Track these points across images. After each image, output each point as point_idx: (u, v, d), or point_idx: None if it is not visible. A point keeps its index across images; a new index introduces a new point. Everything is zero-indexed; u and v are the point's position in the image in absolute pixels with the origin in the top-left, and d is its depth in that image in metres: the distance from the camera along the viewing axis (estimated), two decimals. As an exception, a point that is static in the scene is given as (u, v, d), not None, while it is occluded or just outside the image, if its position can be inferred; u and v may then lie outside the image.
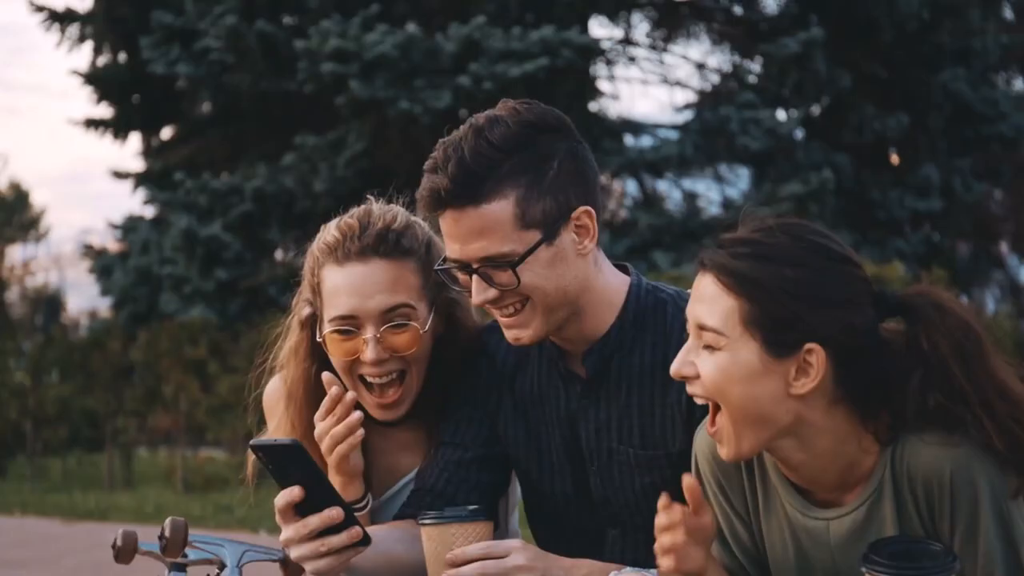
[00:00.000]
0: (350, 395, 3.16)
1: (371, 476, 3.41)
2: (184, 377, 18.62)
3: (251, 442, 2.88)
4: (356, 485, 3.31)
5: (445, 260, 3.05)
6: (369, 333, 3.24)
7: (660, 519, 2.67)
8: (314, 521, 2.87)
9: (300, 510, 2.88)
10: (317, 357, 3.38)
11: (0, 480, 20.76)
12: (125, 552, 3.51)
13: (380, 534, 3.09)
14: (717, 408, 2.70)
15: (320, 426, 3.20)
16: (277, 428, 3.49)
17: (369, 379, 3.28)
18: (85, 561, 11.60)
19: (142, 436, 21.30)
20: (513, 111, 3.02)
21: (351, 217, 3.31)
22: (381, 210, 3.32)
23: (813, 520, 2.80)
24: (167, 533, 3.43)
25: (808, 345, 2.63)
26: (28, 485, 19.76)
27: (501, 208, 2.95)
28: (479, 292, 2.99)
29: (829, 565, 2.81)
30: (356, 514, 3.21)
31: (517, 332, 3.05)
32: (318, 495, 2.88)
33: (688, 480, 2.66)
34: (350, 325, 3.25)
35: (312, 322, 3.38)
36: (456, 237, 2.99)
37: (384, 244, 3.25)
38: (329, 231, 3.31)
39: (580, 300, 3.05)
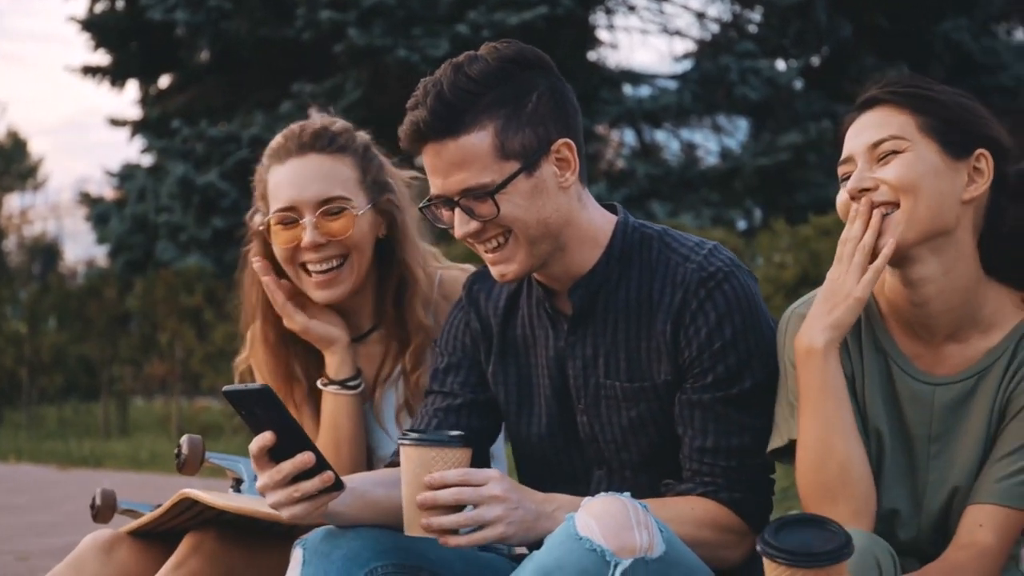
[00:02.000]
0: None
1: None
2: (180, 325, 18.61)
3: (223, 389, 2.89)
4: (339, 357, 3.52)
5: (428, 199, 3.08)
6: (307, 218, 3.42)
7: None
8: (287, 467, 2.87)
9: (274, 455, 2.88)
10: (271, 262, 3.55)
11: (-4, 427, 20.79)
12: (104, 510, 3.51)
13: (360, 478, 3.10)
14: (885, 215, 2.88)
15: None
16: (252, 346, 3.66)
17: (311, 266, 3.46)
18: (81, 506, 11.60)
19: (138, 384, 21.28)
20: (492, 49, 3.07)
21: (292, 125, 3.54)
22: (322, 117, 3.56)
23: (921, 384, 2.94)
24: (184, 450, 3.46)
25: (979, 150, 2.88)
26: (24, 433, 19.78)
27: (480, 139, 2.99)
28: (461, 224, 3.03)
29: (925, 432, 2.93)
30: (351, 392, 3.50)
31: (502, 268, 3.08)
32: (290, 441, 2.87)
33: None
34: (291, 214, 3.44)
35: (262, 233, 3.54)
36: (437, 171, 3.03)
37: (320, 140, 3.47)
38: (275, 139, 3.53)
39: (563, 234, 3.08)
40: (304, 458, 2.86)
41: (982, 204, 2.91)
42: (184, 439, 3.45)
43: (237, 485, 3.53)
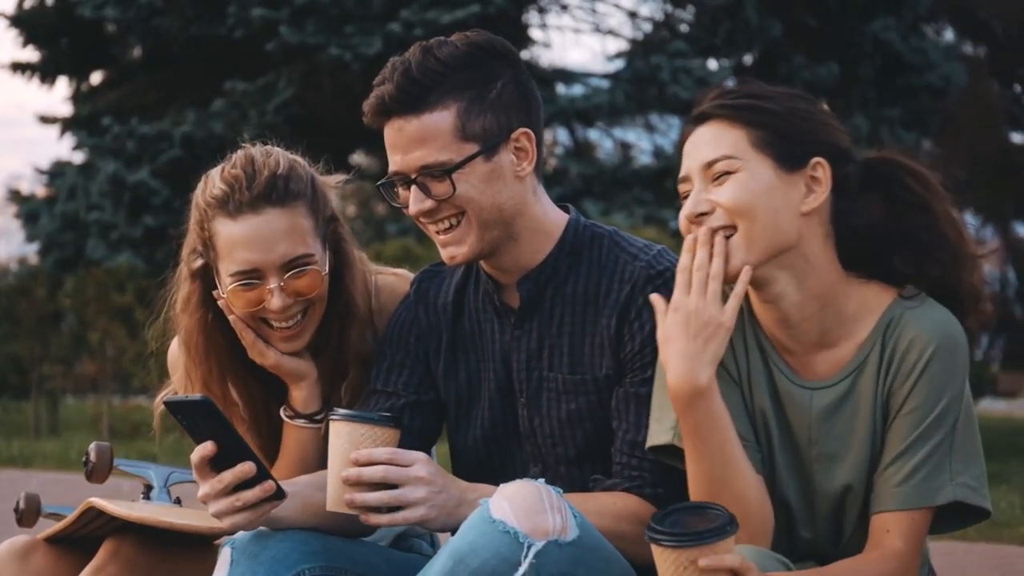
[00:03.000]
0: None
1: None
2: (111, 324, 18.50)
3: (163, 399, 2.90)
4: (307, 392, 3.41)
5: (387, 176, 3.14)
6: (273, 283, 3.26)
7: None
8: (228, 476, 2.88)
9: (215, 465, 2.89)
10: (211, 306, 3.39)
11: (-75, 426, 20.59)
12: (28, 515, 3.49)
13: (301, 483, 3.11)
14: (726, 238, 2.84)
15: None
16: (180, 379, 3.53)
17: (274, 322, 3.31)
18: (6, 509, 11.53)
19: (68, 383, 21.15)
20: (463, 35, 3.14)
21: (234, 167, 3.29)
22: (263, 156, 3.32)
23: (799, 388, 2.93)
24: (92, 457, 3.42)
25: (815, 159, 2.84)
26: (-47, 432, 19.60)
27: (442, 118, 3.05)
28: (416, 202, 3.08)
29: (805, 436, 2.92)
30: (318, 426, 3.39)
31: (452, 249, 3.13)
32: (231, 450, 2.88)
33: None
34: (252, 278, 3.26)
35: (204, 273, 3.38)
36: (398, 146, 3.08)
37: (274, 191, 3.25)
38: (214, 183, 3.30)
39: (516, 224, 3.13)
40: (245, 467, 2.87)
41: (826, 210, 2.88)
42: (92, 446, 3.43)
43: (147, 491, 3.52)
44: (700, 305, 2.81)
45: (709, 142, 2.87)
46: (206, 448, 2.88)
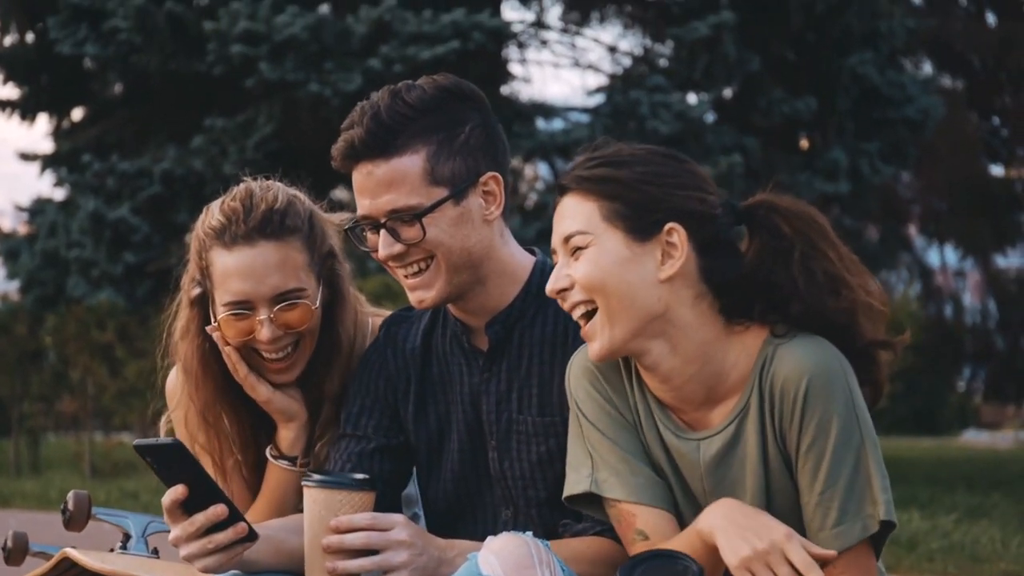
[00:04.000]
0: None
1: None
2: (92, 361, 18.44)
3: (134, 443, 2.92)
4: (295, 433, 3.46)
5: (355, 220, 3.15)
6: (263, 315, 3.33)
7: None
8: (200, 519, 2.90)
9: (187, 508, 2.90)
10: (207, 335, 3.46)
11: (-95, 466, 20.48)
12: (16, 553, 3.48)
13: (274, 526, 3.12)
14: (591, 316, 2.84)
15: None
16: (177, 406, 3.57)
17: (265, 354, 3.39)
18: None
19: (49, 421, 21.06)
20: (430, 79, 3.17)
21: (233, 199, 3.40)
22: (262, 190, 3.42)
23: (685, 441, 2.92)
24: (70, 506, 3.43)
25: (668, 225, 2.81)
26: (-67, 470, 19.50)
27: (411, 162, 3.07)
28: (385, 247, 3.09)
29: (699, 487, 2.90)
30: (296, 469, 3.44)
31: (421, 293, 3.14)
32: (203, 493, 2.89)
33: None
34: (243, 308, 3.34)
35: (202, 301, 3.46)
36: (367, 191, 3.10)
37: (270, 225, 3.34)
38: (213, 214, 3.41)
39: (484, 267, 3.14)
40: (217, 510, 2.88)
41: (692, 271, 2.86)
42: (70, 495, 3.43)
43: (125, 541, 3.52)
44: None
45: (567, 216, 2.90)
46: (177, 491, 2.90)
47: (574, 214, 2.87)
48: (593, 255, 2.81)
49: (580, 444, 2.97)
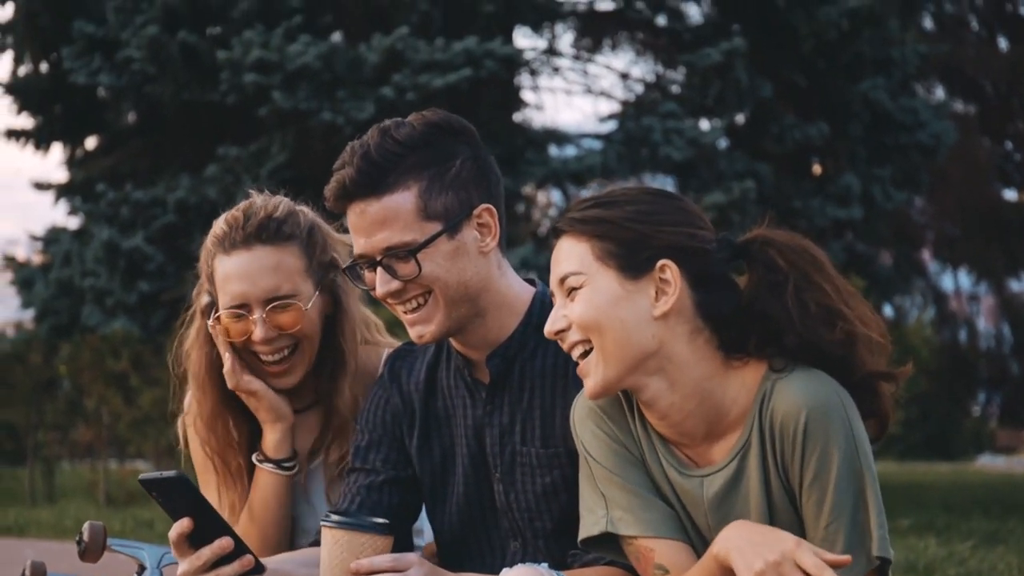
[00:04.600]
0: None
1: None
2: (106, 390, 18.47)
3: (139, 478, 2.95)
4: (279, 436, 3.55)
5: (352, 260, 3.16)
6: (257, 315, 3.47)
7: None
8: (206, 553, 2.93)
9: (193, 541, 2.92)
10: (214, 342, 3.61)
11: (-79, 495, 20.49)
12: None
13: (281, 559, 3.14)
14: (588, 354, 2.85)
15: None
16: (188, 411, 3.74)
17: (263, 356, 3.52)
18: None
19: (64, 449, 21.08)
20: (419, 116, 3.18)
21: (237, 210, 3.57)
22: (264, 200, 3.58)
23: (688, 478, 2.93)
24: (85, 537, 3.45)
25: (661, 262, 2.82)
26: (-52, 500, 19.51)
27: (404, 199, 3.08)
28: (383, 284, 3.10)
29: (705, 524, 2.91)
30: (285, 473, 3.54)
31: (421, 328, 3.15)
32: (208, 525, 2.92)
33: None
34: (240, 309, 3.49)
35: (209, 309, 3.61)
36: (361, 230, 3.12)
37: (266, 231, 3.50)
38: (218, 224, 3.57)
39: (482, 299, 3.14)
40: (223, 543, 2.91)
41: (688, 307, 2.86)
42: (86, 526, 3.46)
43: (140, 572, 3.54)
44: None
45: (561, 258, 2.91)
46: (183, 524, 2.93)
47: (568, 256, 2.89)
48: (587, 295, 2.83)
49: (591, 486, 2.97)
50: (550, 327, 2.89)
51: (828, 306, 2.86)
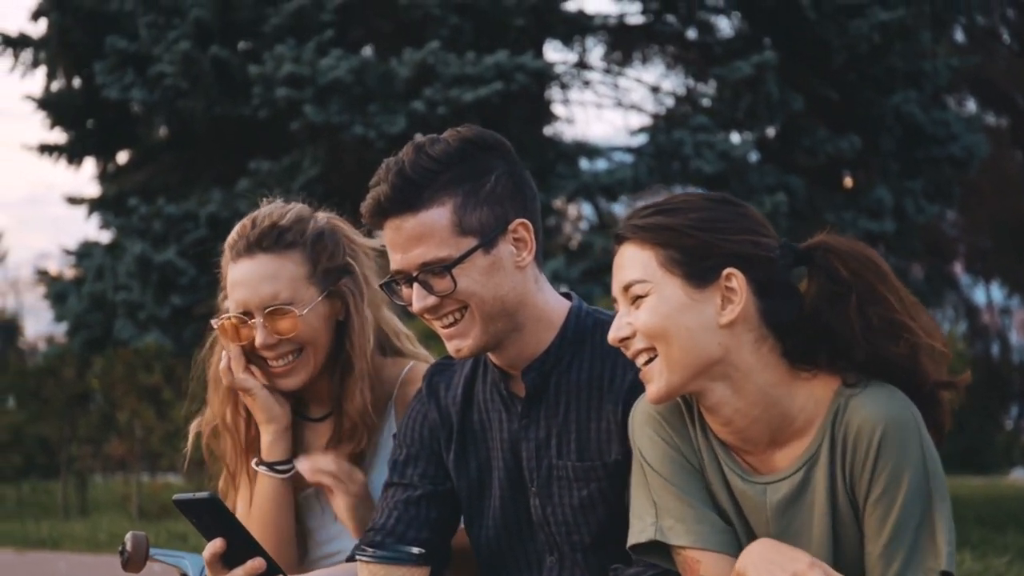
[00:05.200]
0: None
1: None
2: (139, 404, 18.53)
3: (173, 498, 3.00)
4: (273, 437, 3.59)
5: (389, 275, 3.17)
6: (257, 321, 3.55)
7: None
8: (239, 573, 2.97)
9: (227, 561, 2.96)
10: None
11: (-46, 509, 20.59)
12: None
13: None
14: (650, 360, 2.85)
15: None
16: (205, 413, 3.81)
17: (268, 361, 3.60)
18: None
19: (97, 463, 21.16)
20: (453, 131, 3.19)
21: (248, 217, 3.67)
22: (272, 208, 3.68)
23: (751, 484, 2.91)
24: (128, 547, 3.49)
25: (727, 271, 2.82)
26: (-18, 514, 19.59)
27: (439, 214, 3.09)
28: (419, 299, 3.11)
29: (766, 533, 2.90)
30: (279, 476, 3.57)
31: (458, 343, 3.15)
32: (240, 546, 2.95)
33: None
34: (245, 315, 3.58)
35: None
36: (397, 246, 3.13)
37: (267, 239, 3.59)
38: (232, 231, 3.68)
39: (519, 314, 3.14)
40: (255, 564, 2.96)
41: (753, 315, 2.86)
42: (128, 536, 3.49)
43: None
44: None
45: (625, 265, 2.90)
46: (216, 545, 2.97)
47: (632, 263, 2.87)
48: (653, 303, 2.82)
49: (644, 492, 2.96)
50: (614, 334, 2.87)
51: (892, 319, 2.84)
